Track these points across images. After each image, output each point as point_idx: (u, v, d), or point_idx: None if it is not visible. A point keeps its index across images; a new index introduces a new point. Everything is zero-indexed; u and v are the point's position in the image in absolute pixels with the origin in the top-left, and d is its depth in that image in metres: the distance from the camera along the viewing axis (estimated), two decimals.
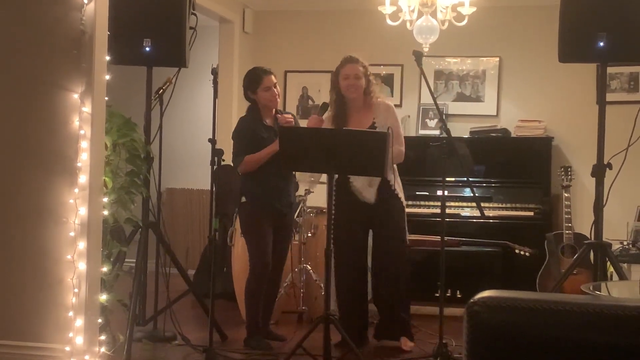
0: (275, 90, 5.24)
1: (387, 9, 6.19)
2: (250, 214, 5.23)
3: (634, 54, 4.90)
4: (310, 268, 5.90)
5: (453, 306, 5.93)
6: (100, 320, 4.22)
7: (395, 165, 5.17)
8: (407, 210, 5.39)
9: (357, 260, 5.18)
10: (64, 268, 4.09)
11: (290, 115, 5.32)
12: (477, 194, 6.06)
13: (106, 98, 4.27)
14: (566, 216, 6.35)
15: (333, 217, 4.76)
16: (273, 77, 5.27)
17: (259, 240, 5.16)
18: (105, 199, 4.30)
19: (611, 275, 5.45)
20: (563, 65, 5.27)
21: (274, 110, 5.29)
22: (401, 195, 5.19)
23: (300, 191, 5.99)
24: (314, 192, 6.00)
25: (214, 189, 4.93)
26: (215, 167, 4.88)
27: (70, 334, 4.06)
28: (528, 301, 1.56)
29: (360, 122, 5.14)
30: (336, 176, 4.96)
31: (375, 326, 5.32)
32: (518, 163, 7.31)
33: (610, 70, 6.40)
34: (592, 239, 5.04)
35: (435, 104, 5.06)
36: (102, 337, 4.25)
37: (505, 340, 1.56)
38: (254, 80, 5.27)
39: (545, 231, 6.64)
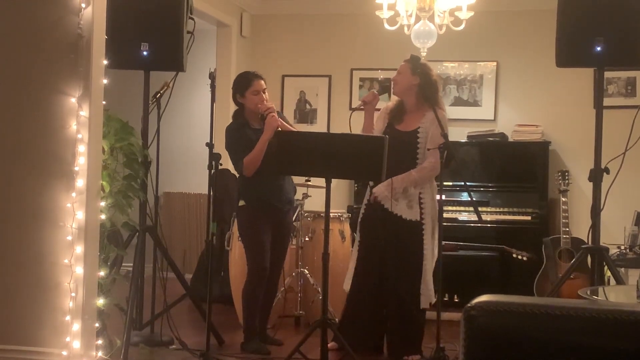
0: (263, 95, 5.19)
1: (384, 13, 6.20)
2: (248, 217, 5.20)
3: (631, 59, 4.91)
4: (307, 272, 5.90)
5: (450, 310, 5.95)
6: (97, 325, 4.21)
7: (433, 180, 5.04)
8: None
9: (379, 270, 5.09)
10: (61, 272, 4.09)
11: (272, 106, 5.21)
12: (474, 199, 6.07)
13: (104, 102, 4.27)
14: (563, 220, 6.35)
15: (359, 229, 4.72)
16: (263, 82, 5.23)
17: (257, 244, 5.14)
18: (103, 203, 4.30)
19: (608, 280, 5.45)
20: (560, 69, 5.28)
21: (260, 115, 5.22)
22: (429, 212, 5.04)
23: (298, 195, 5.98)
24: (311, 196, 6.00)
25: (211, 193, 4.93)
26: (212, 171, 4.87)
27: (67, 338, 4.06)
28: (525, 306, 1.56)
29: (407, 124, 5.07)
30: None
31: (387, 342, 5.14)
32: (515, 167, 7.31)
33: (608, 74, 6.41)
34: (590, 243, 5.05)
35: (433, 108, 5.07)
36: (99, 342, 4.25)
37: (502, 345, 1.56)
38: (243, 83, 5.23)
39: (542, 235, 6.65)
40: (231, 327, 5.74)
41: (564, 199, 6.46)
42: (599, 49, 4.80)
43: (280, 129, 5.04)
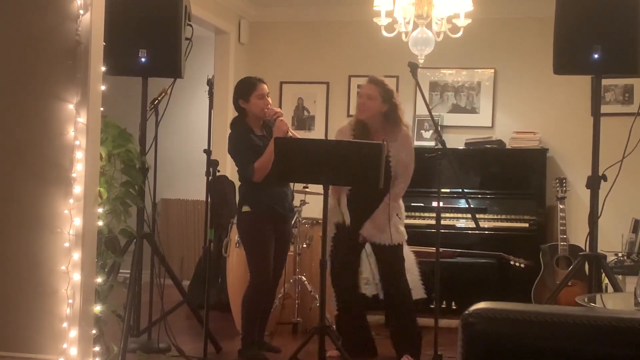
0: (268, 100, 5.17)
1: (382, 20, 6.20)
2: (252, 223, 5.14)
3: (628, 67, 4.92)
4: (305, 279, 5.89)
5: (448, 317, 5.94)
6: (94, 331, 4.20)
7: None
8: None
9: (352, 269, 5.14)
10: (58, 279, 4.08)
11: (280, 110, 5.24)
12: (472, 206, 6.07)
13: (101, 108, 4.27)
14: (561, 228, 6.35)
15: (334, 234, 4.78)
16: (266, 86, 5.21)
17: (261, 251, 5.09)
18: (100, 210, 4.29)
19: (606, 287, 5.45)
20: (558, 77, 5.29)
21: (262, 122, 5.23)
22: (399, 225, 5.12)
23: (295, 202, 5.98)
24: (309, 203, 5.99)
25: (209, 199, 4.92)
26: (210, 177, 4.87)
27: (64, 345, 4.05)
28: (523, 313, 1.56)
29: None
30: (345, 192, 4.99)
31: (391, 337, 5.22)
32: (513, 174, 7.32)
33: (605, 82, 6.43)
34: (587, 250, 5.05)
35: (431, 115, 5.08)
36: (96, 348, 4.23)
37: (500, 352, 1.56)
38: (246, 88, 5.18)
39: (540, 243, 6.65)
40: (229, 334, 5.73)
41: (561, 206, 6.47)
42: (596, 56, 4.81)
43: (290, 133, 5.04)
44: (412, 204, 7.01)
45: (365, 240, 5.05)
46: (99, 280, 4.29)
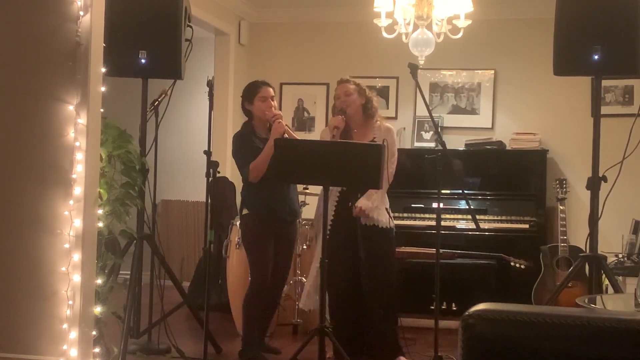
0: (271, 102, 5.21)
1: (382, 21, 6.20)
2: (252, 225, 5.17)
3: (628, 68, 4.91)
4: (305, 280, 5.88)
5: (448, 319, 5.94)
6: (94, 333, 4.21)
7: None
8: (403, 222, 5.32)
9: (350, 272, 5.14)
10: (58, 280, 4.08)
11: (279, 112, 5.26)
12: (472, 207, 6.06)
13: (101, 110, 4.27)
14: (561, 229, 6.35)
15: (329, 232, 4.77)
16: (271, 89, 5.26)
17: (260, 253, 5.12)
18: (100, 211, 4.30)
19: (606, 288, 5.45)
20: (558, 78, 5.28)
21: (268, 124, 5.26)
22: (390, 215, 5.18)
23: None
24: (308, 204, 5.99)
25: (209, 200, 4.92)
26: (210, 179, 4.87)
27: (65, 346, 4.05)
28: (523, 314, 1.56)
29: (358, 137, 5.14)
30: (335, 190, 4.99)
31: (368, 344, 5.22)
32: (513, 175, 7.32)
33: (605, 83, 6.42)
34: (587, 251, 5.04)
35: (431, 116, 5.08)
36: (96, 350, 4.24)
37: (500, 353, 1.56)
38: (251, 90, 5.25)
39: (540, 244, 6.65)
40: (229, 335, 5.73)
41: (561, 207, 6.47)
42: (596, 57, 4.81)
43: (286, 135, 5.06)
44: (412, 205, 7.01)
45: (361, 212, 5.00)
46: (99, 281, 4.29)
